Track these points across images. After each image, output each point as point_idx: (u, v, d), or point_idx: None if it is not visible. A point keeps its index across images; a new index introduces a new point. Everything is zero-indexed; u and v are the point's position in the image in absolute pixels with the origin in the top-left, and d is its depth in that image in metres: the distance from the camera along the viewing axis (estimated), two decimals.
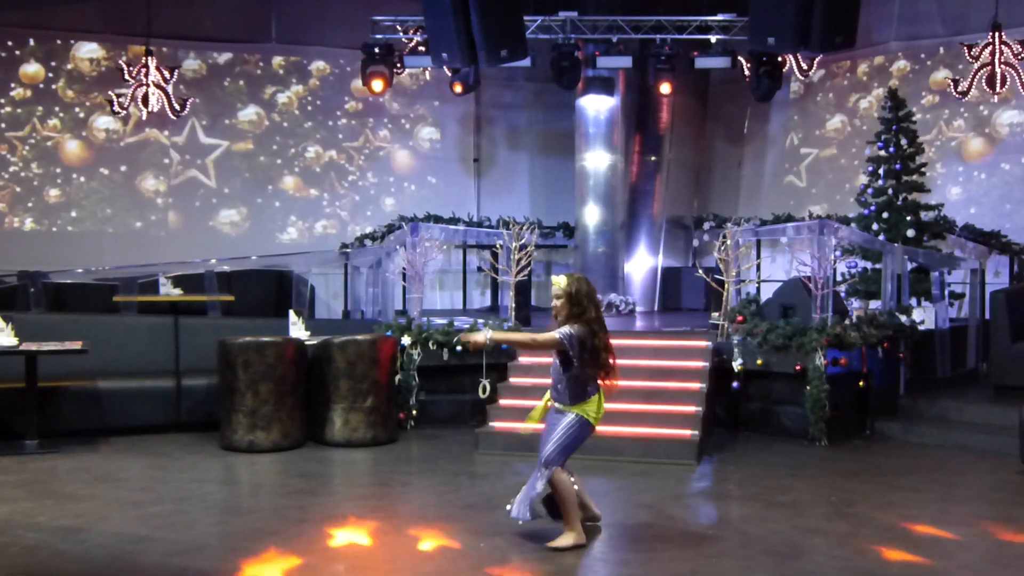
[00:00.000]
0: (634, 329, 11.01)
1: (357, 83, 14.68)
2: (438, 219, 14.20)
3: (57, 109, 13.66)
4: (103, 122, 13.83)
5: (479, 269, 14.52)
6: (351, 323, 10.89)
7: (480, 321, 9.46)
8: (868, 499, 6.45)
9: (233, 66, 14.44)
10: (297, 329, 8.92)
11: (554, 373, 5.42)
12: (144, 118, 13.48)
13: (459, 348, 9.00)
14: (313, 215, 14.79)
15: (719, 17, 13.08)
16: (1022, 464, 7.07)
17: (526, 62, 11.67)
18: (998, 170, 13.14)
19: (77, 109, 13.74)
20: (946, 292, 10.72)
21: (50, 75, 13.63)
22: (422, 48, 12.94)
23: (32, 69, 13.57)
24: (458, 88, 13.86)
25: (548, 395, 5.52)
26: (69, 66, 13.71)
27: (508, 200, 15.07)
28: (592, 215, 13.79)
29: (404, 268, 10.04)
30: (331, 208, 14.88)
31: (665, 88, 13.42)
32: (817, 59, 13.92)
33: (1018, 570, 5.10)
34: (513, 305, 9.76)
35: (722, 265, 9.52)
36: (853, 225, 11.41)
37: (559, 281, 5.34)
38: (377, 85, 13.40)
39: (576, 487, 5.48)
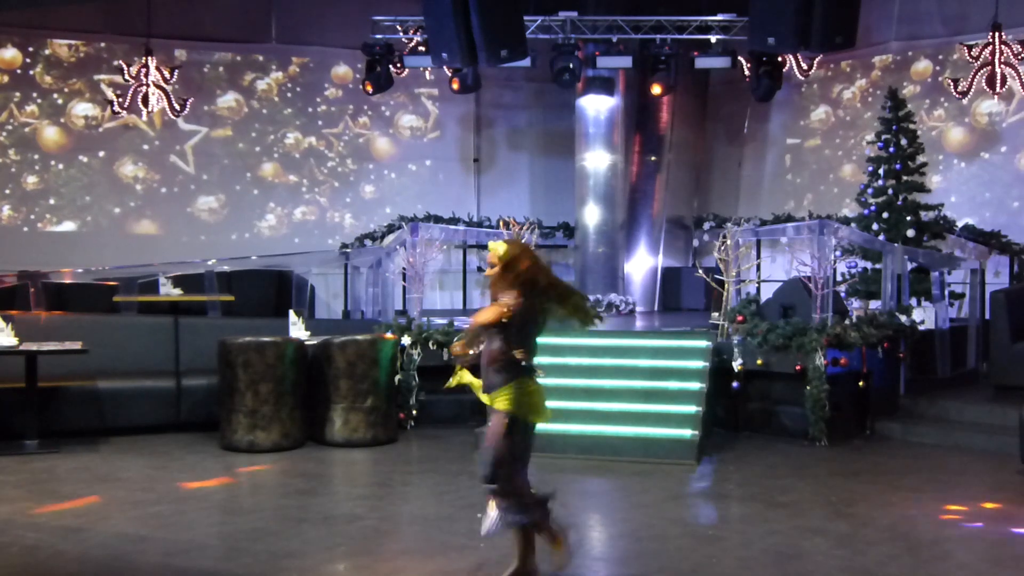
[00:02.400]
0: (634, 329, 11.01)
1: (338, 70, 14.78)
2: (438, 219, 14.20)
3: (35, 95, 13.64)
4: (81, 108, 13.83)
5: (479, 269, 14.53)
6: (351, 323, 10.88)
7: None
8: (868, 499, 6.45)
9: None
10: (297, 329, 8.92)
11: (485, 355, 4.60)
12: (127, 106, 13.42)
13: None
14: (292, 202, 14.78)
15: (719, 17, 13.07)
16: (1022, 464, 7.07)
17: (526, 62, 11.66)
18: (978, 159, 13.21)
19: (55, 95, 13.72)
20: (946, 292, 10.72)
21: (27, 60, 13.62)
22: (422, 48, 12.93)
23: (9, 55, 13.56)
24: (455, 86, 13.82)
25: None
26: (47, 52, 13.70)
27: (508, 200, 15.06)
28: (592, 215, 13.78)
29: (404, 268, 10.04)
30: (310, 195, 14.88)
31: (656, 89, 13.41)
32: (817, 59, 13.93)
33: (1018, 570, 5.10)
34: None
35: (722, 265, 9.51)
36: (853, 225, 11.41)
37: (496, 247, 4.60)
38: (369, 88, 13.47)
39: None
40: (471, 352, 4.67)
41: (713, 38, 13.13)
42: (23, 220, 13.60)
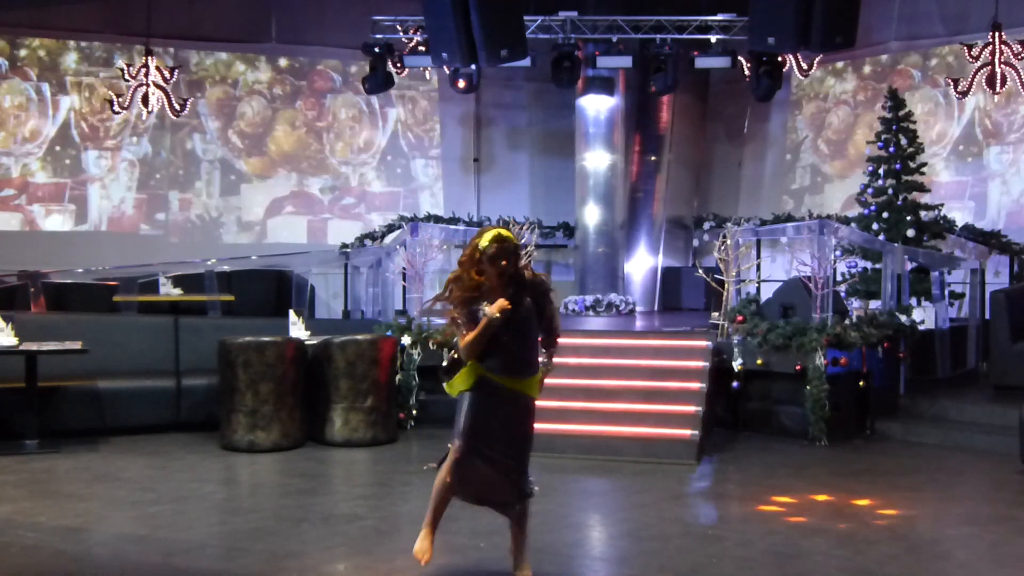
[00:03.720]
0: (634, 329, 11.01)
1: (333, 65, 14.86)
2: (438, 219, 14.20)
3: (26, 88, 13.64)
4: (75, 103, 13.84)
5: None
6: (351, 323, 10.88)
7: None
8: (868, 499, 6.45)
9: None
10: (297, 329, 8.92)
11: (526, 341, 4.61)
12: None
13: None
14: (285, 197, 14.78)
15: (719, 17, 13.07)
16: (1022, 464, 7.06)
17: (526, 62, 11.67)
18: (970, 154, 13.20)
19: (46, 89, 13.72)
20: (946, 292, 10.72)
21: (18, 54, 13.62)
22: (422, 48, 12.94)
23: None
24: (461, 83, 13.84)
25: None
26: (36, 44, 13.71)
27: (508, 200, 15.06)
28: (592, 215, 13.78)
29: (404, 268, 10.04)
30: (303, 189, 14.87)
31: (652, 88, 13.41)
32: (817, 59, 13.93)
33: (1018, 570, 5.10)
34: None
35: (722, 265, 9.51)
36: (853, 225, 11.41)
37: (508, 234, 4.54)
38: (373, 87, 13.46)
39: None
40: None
41: (713, 38, 13.13)
42: (13, 215, 13.60)
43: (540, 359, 4.68)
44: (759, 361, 8.68)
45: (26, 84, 13.63)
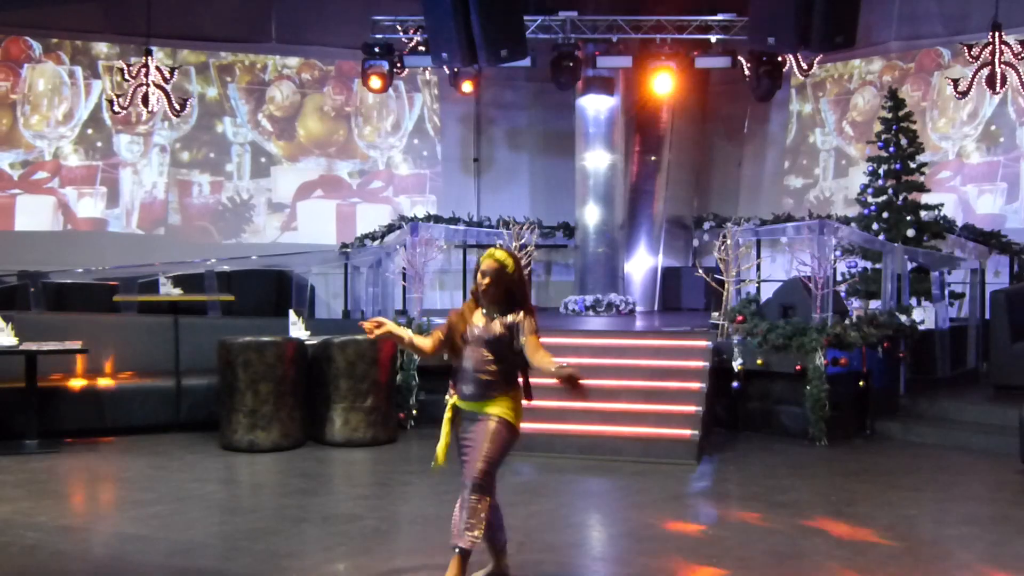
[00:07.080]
0: (634, 329, 11.01)
1: (334, 67, 14.95)
2: (438, 219, 14.20)
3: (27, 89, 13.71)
4: (76, 102, 13.93)
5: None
6: (351, 323, 10.88)
7: None
8: (868, 499, 6.46)
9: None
10: (297, 329, 8.93)
11: (480, 362, 4.54)
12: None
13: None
14: (286, 197, 14.80)
15: (719, 17, 13.06)
16: (1022, 464, 7.07)
17: (526, 62, 11.66)
18: (998, 133, 13.19)
19: (49, 89, 13.75)
20: (946, 292, 10.72)
21: (20, 54, 13.70)
22: (422, 48, 12.93)
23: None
24: (468, 86, 13.82)
25: (449, 413, 4.84)
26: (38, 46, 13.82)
27: (508, 200, 15.05)
28: (592, 215, 13.78)
29: (404, 268, 10.04)
30: (303, 190, 14.88)
31: (664, 83, 13.39)
32: (817, 59, 13.93)
33: (1018, 570, 5.10)
34: None
35: (722, 265, 9.52)
36: (853, 225, 11.41)
37: (501, 255, 4.54)
38: (375, 83, 13.40)
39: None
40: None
41: (713, 38, 13.12)
42: (46, 198, 13.61)
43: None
44: (759, 361, 8.68)
45: (59, 68, 13.70)
